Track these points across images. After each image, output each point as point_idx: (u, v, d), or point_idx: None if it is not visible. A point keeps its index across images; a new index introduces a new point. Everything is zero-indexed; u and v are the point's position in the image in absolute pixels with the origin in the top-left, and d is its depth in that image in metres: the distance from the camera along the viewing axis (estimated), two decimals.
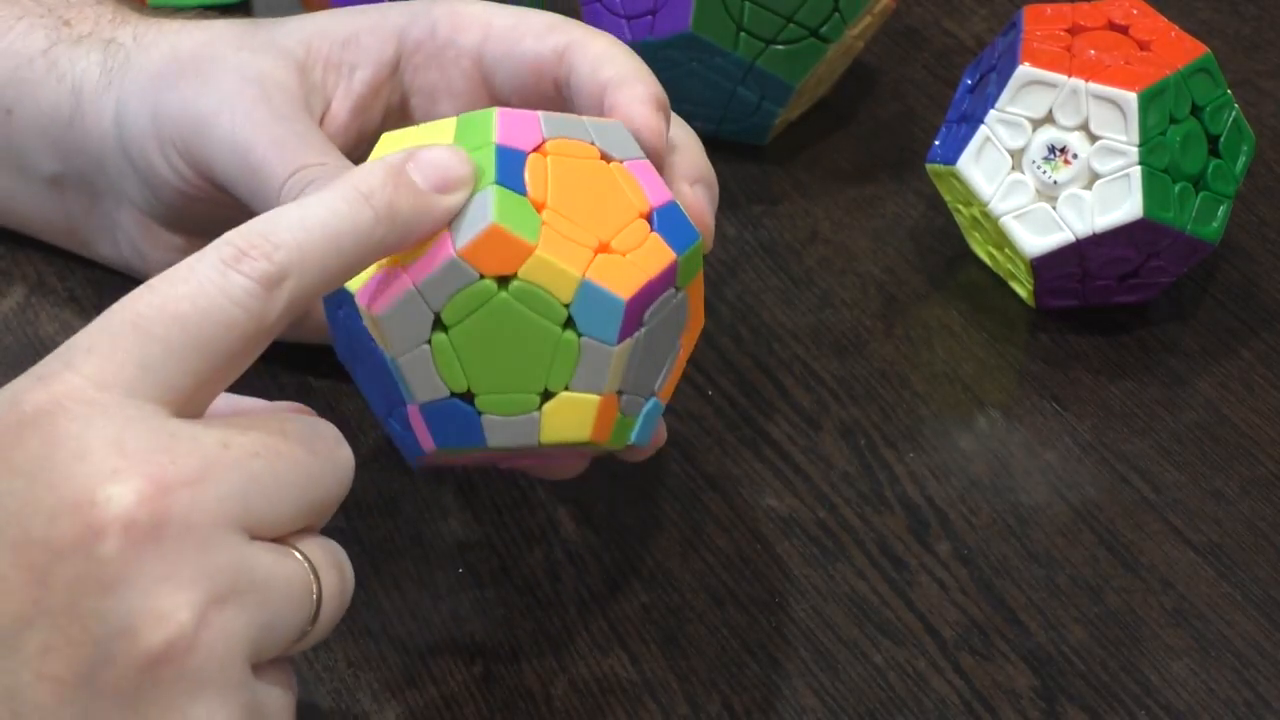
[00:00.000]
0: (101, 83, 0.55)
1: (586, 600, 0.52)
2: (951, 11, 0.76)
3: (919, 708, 0.50)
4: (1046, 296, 0.61)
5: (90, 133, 0.55)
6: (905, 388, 0.59)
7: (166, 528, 0.38)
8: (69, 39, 0.56)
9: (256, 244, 0.41)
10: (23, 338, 0.59)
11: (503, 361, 0.45)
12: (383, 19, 0.54)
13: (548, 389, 0.45)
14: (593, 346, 0.45)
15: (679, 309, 0.48)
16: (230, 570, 0.39)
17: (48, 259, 0.61)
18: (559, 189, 0.45)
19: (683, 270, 0.47)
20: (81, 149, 0.56)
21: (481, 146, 0.46)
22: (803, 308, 0.62)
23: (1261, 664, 0.51)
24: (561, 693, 0.50)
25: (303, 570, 0.41)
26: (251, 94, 0.51)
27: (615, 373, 0.46)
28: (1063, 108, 0.58)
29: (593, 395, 0.45)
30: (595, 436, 0.46)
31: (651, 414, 0.48)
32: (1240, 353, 0.61)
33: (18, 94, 0.57)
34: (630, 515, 0.55)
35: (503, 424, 0.45)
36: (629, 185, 0.47)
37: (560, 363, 0.45)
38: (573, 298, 0.45)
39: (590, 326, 0.45)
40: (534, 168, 0.46)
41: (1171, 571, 0.54)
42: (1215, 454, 0.58)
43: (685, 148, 0.51)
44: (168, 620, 0.38)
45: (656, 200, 0.47)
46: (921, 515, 0.55)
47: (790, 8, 0.63)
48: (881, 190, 0.67)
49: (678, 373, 0.49)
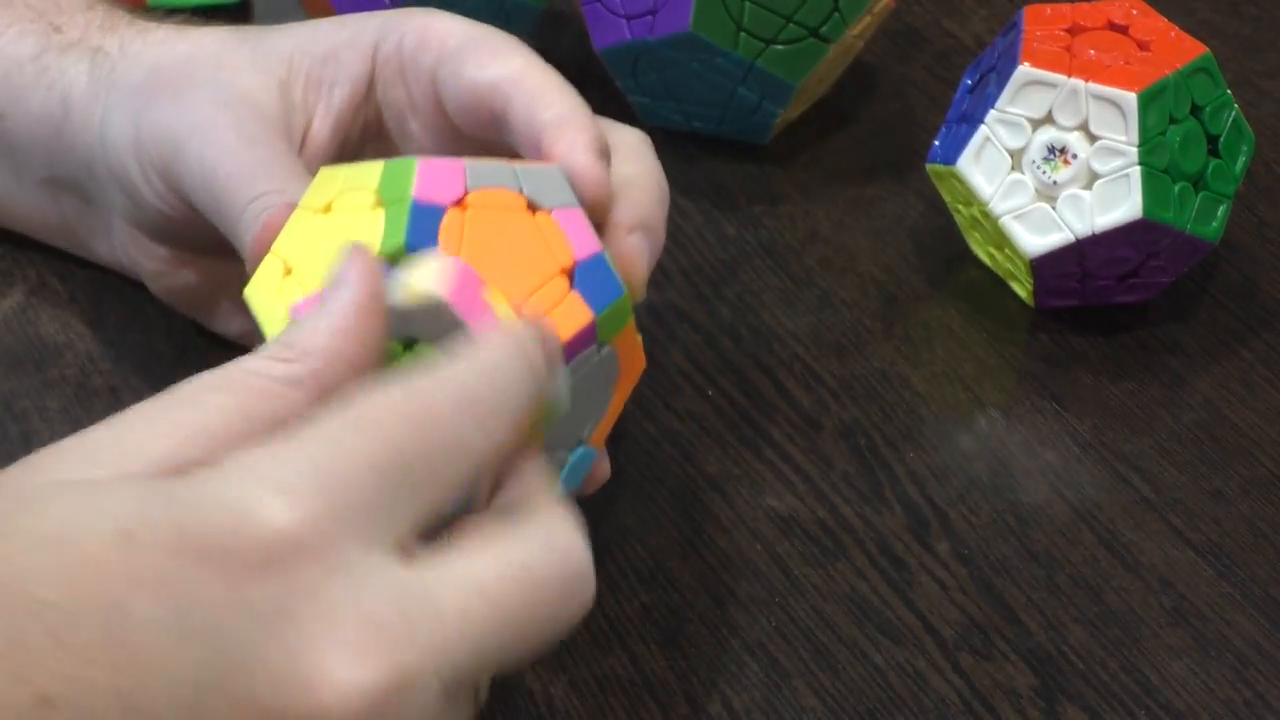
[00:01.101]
0: (89, 93, 0.55)
1: None
2: (951, 11, 0.76)
3: (919, 708, 0.50)
4: (1046, 296, 0.61)
5: (79, 141, 0.55)
6: (905, 388, 0.59)
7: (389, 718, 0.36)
8: (58, 46, 0.56)
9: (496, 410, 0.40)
10: (23, 338, 0.59)
11: None
12: (360, 33, 0.53)
13: None
14: None
15: (605, 364, 0.47)
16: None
17: (48, 260, 0.61)
18: (474, 247, 0.44)
19: (604, 327, 0.46)
20: (71, 156, 0.56)
21: (399, 201, 0.44)
22: (803, 308, 0.62)
23: (1261, 664, 0.51)
24: (561, 693, 0.50)
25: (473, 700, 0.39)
26: (224, 119, 0.51)
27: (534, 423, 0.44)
28: (1062, 108, 0.58)
29: None
30: None
31: (580, 462, 0.47)
32: (1240, 353, 0.61)
33: (11, 99, 0.57)
34: (630, 515, 0.55)
35: None
36: (553, 238, 0.45)
37: None
38: None
39: None
40: (450, 225, 0.44)
41: (1171, 571, 0.54)
42: (1215, 454, 0.58)
43: (633, 188, 0.49)
44: None
45: (581, 253, 0.45)
46: (921, 515, 0.55)
47: (790, 8, 0.63)
48: (881, 190, 0.67)
49: (612, 417, 0.48)
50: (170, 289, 0.57)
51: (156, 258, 0.56)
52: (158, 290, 0.57)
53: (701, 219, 0.65)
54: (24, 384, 0.57)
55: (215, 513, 0.36)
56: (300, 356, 0.40)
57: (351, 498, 0.37)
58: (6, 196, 0.60)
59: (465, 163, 0.46)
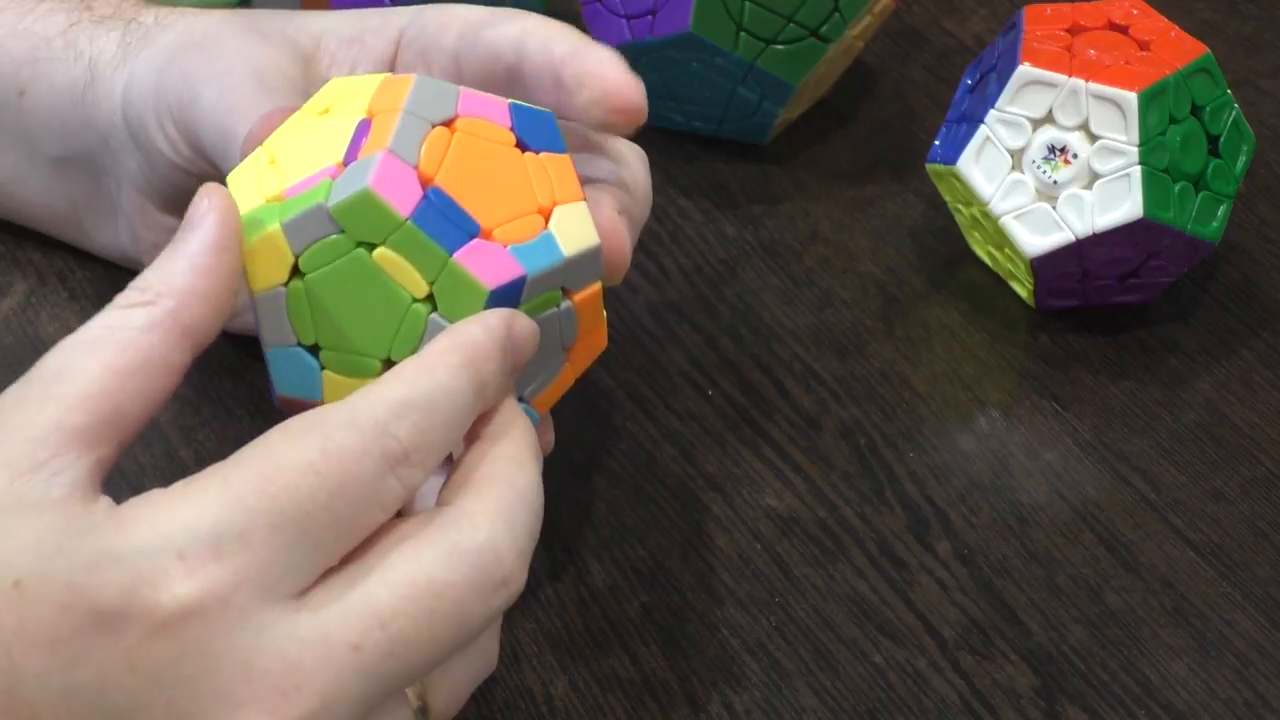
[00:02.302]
0: (117, 57, 0.56)
1: (586, 600, 0.52)
2: (951, 11, 0.76)
3: (919, 708, 0.50)
4: (1046, 296, 0.61)
5: (100, 106, 0.56)
6: (905, 388, 0.59)
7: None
8: (91, 20, 0.57)
9: (419, 446, 0.39)
10: (23, 338, 0.59)
11: (353, 318, 0.44)
12: (387, 22, 0.54)
13: (391, 358, 0.44)
14: (442, 326, 0.43)
15: (564, 321, 0.46)
16: None
17: (49, 259, 0.61)
18: (454, 167, 0.44)
19: (571, 273, 0.45)
20: (89, 125, 0.57)
21: (390, 110, 0.44)
22: (803, 308, 0.62)
23: (1261, 664, 0.51)
24: (561, 693, 0.50)
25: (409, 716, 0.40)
26: (245, 70, 0.51)
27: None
28: (1063, 108, 0.58)
29: None
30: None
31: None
32: (1240, 353, 0.61)
33: (33, 74, 0.57)
34: (630, 515, 0.55)
35: (341, 384, 0.44)
36: (537, 177, 0.45)
37: (407, 333, 0.43)
38: (436, 276, 0.43)
39: (448, 308, 0.43)
40: (435, 141, 0.44)
41: (1171, 571, 0.54)
42: (1215, 454, 0.58)
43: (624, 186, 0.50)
44: None
45: (562, 198, 0.45)
46: (921, 515, 0.55)
47: (790, 8, 0.63)
48: (881, 190, 0.67)
49: (560, 387, 0.47)
50: None
51: (161, 229, 0.56)
52: None
53: (701, 219, 0.65)
54: None
55: (110, 573, 0.37)
56: (156, 298, 0.41)
57: (251, 558, 0.37)
58: (16, 180, 0.60)
59: (461, 89, 0.46)
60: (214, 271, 0.41)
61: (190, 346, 0.41)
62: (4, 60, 0.58)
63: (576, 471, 0.56)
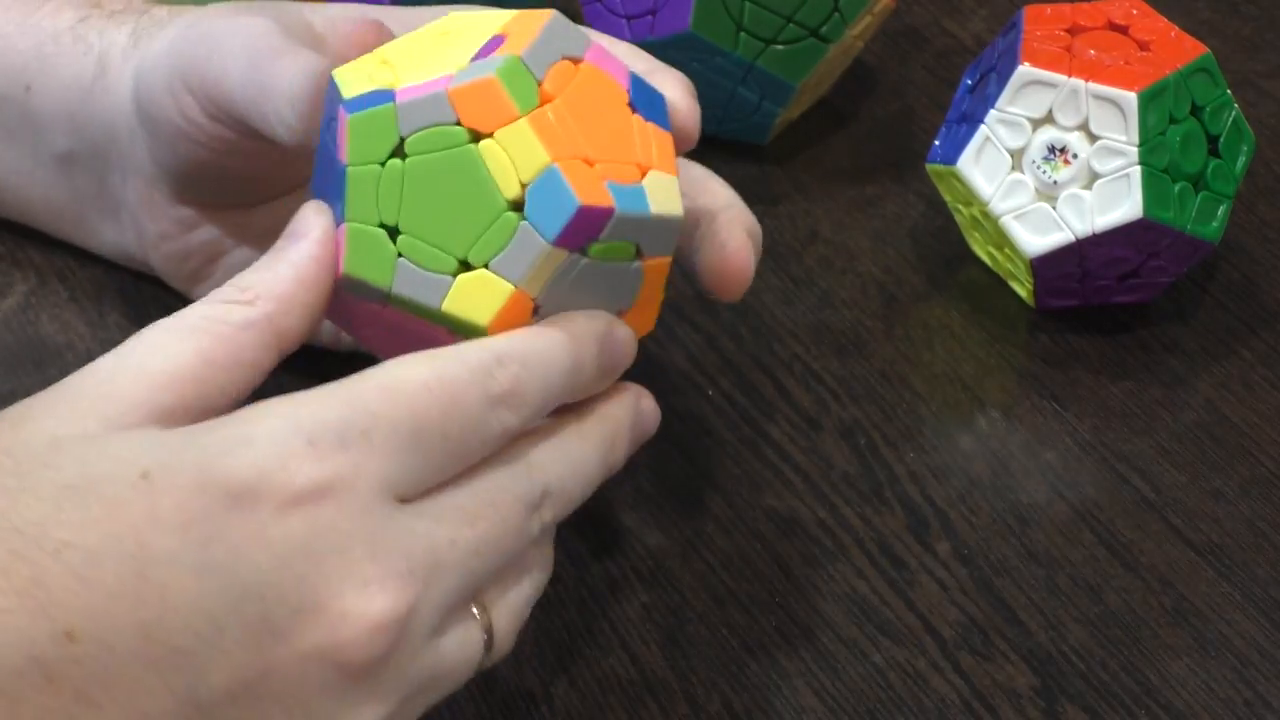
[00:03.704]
0: (128, 46, 0.56)
1: (586, 600, 0.52)
2: (951, 11, 0.76)
3: (919, 708, 0.50)
4: (1046, 296, 0.61)
5: (109, 95, 0.56)
6: (905, 388, 0.59)
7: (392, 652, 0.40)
8: (101, 15, 0.57)
9: (516, 392, 0.42)
10: (23, 338, 0.59)
11: (441, 212, 0.44)
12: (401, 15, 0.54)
13: (469, 260, 0.44)
14: (529, 234, 0.43)
15: (631, 279, 0.46)
16: (426, 675, 0.42)
17: (49, 259, 0.61)
18: (573, 99, 0.45)
19: (652, 234, 0.46)
20: (97, 118, 0.56)
21: (524, 34, 0.45)
22: (803, 308, 0.62)
23: (1261, 664, 0.51)
24: (561, 693, 0.50)
25: (479, 639, 0.43)
26: (267, 25, 0.51)
27: (539, 273, 0.44)
28: (1063, 108, 0.58)
29: (508, 284, 0.44)
30: (494, 327, 0.44)
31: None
32: (1240, 353, 0.61)
33: (40, 69, 0.57)
34: (630, 515, 0.55)
35: (413, 273, 0.44)
36: (640, 137, 0.46)
37: (492, 237, 0.44)
38: (533, 178, 0.43)
39: (537, 214, 0.43)
40: (561, 71, 0.45)
41: (1171, 571, 0.54)
42: (1215, 454, 0.58)
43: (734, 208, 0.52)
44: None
45: (660, 165, 0.46)
46: (921, 515, 0.55)
47: (790, 8, 0.63)
48: (881, 190, 0.67)
49: None
50: (173, 254, 0.57)
51: (168, 219, 0.56)
52: (160, 258, 0.57)
53: None
54: (24, 384, 0.57)
55: (242, 455, 0.39)
56: (255, 300, 0.43)
57: (373, 454, 0.40)
58: (20, 175, 0.60)
59: (591, 34, 0.47)
60: (314, 285, 0.44)
61: (279, 352, 0.43)
62: (11, 55, 0.58)
63: None
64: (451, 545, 0.41)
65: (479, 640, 0.43)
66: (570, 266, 0.44)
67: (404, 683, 0.41)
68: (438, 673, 0.42)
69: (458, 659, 0.42)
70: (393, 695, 0.41)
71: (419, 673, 0.41)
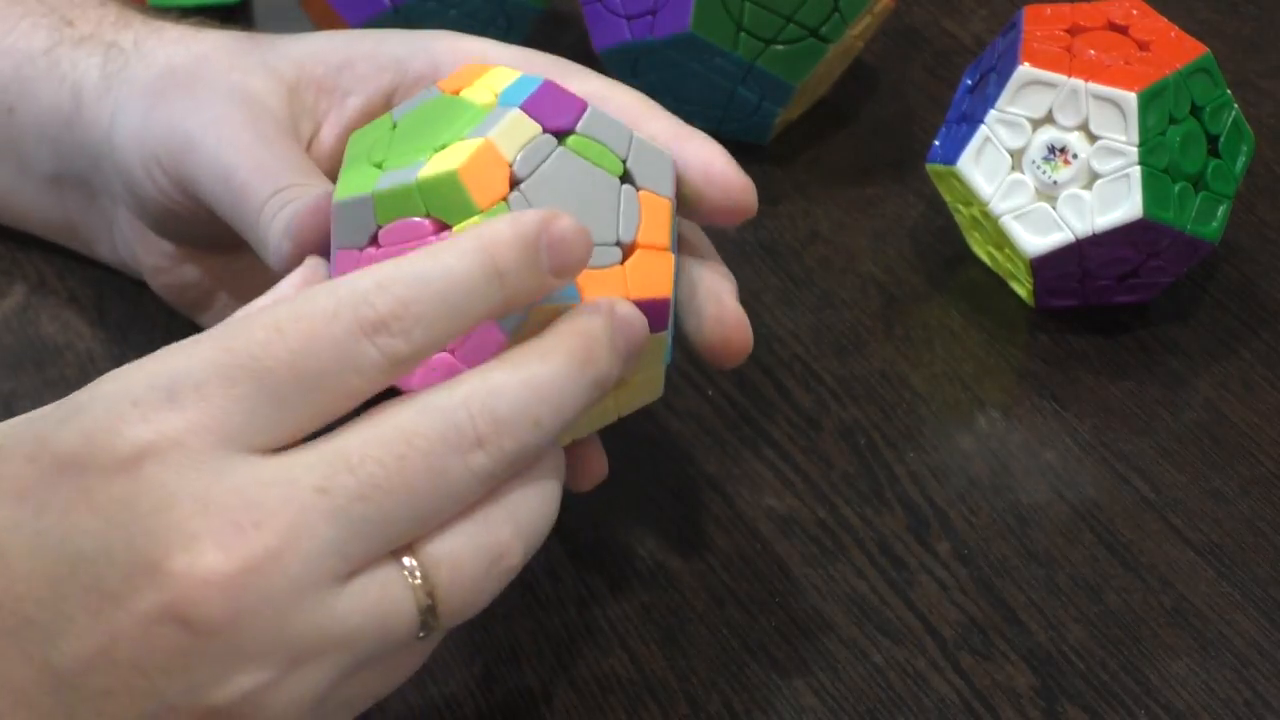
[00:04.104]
0: (100, 87, 0.55)
1: (586, 600, 0.52)
2: (951, 11, 0.76)
3: (919, 708, 0.50)
4: (1046, 296, 0.61)
5: (89, 133, 0.55)
6: (905, 388, 0.59)
7: (242, 606, 0.38)
8: (71, 39, 0.57)
9: (400, 315, 0.40)
10: (23, 337, 0.59)
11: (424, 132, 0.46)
12: (378, 47, 0.53)
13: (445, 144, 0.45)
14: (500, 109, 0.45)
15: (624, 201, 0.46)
16: (312, 634, 0.39)
17: (48, 259, 0.61)
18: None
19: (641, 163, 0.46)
20: (79, 149, 0.56)
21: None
22: (803, 308, 0.62)
23: (1261, 664, 0.51)
24: (561, 693, 0.50)
25: (406, 593, 0.40)
26: (238, 117, 0.51)
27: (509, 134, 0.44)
28: (1063, 108, 0.58)
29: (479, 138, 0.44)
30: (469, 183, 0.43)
31: None
32: (1240, 353, 0.61)
33: (19, 91, 0.57)
34: (630, 515, 0.55)
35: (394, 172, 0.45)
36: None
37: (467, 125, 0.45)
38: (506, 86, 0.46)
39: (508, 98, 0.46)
40: None
41: (1171, 571, 0.54)
42: (1215, 454, 0.58)
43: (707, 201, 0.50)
44: (235, 691, 0.38)
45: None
46: (921, 515, 0.55)
47: (790, 8, 0.63)
48: (881, 190, 0.67)
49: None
50: (170, 285, 0.57)
51: (158, 253, 0.56)
52: (158, 287, 0.57)
53: None
54: (24, 384, 0.57)
55: (72, 424, 0.39)
56: None
57: (207, 407, 0.38)
58: (10, 193, 0.60)
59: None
60: None
61: None
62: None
63: None
64: (321, 493, 0.38)
65: (405, 597, 0.40)
66: (545, 149, 0.44)
67: (282, 644, 0.38)
68: (341, 635, 0.39)
69: (370, 618, 0.39)
70: (271, 658, 0.38)
71: (307, 633, 0.39)
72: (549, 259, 0.41)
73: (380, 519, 0.39)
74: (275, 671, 0.39)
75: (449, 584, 0.40)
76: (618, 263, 0.45)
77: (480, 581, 0.41)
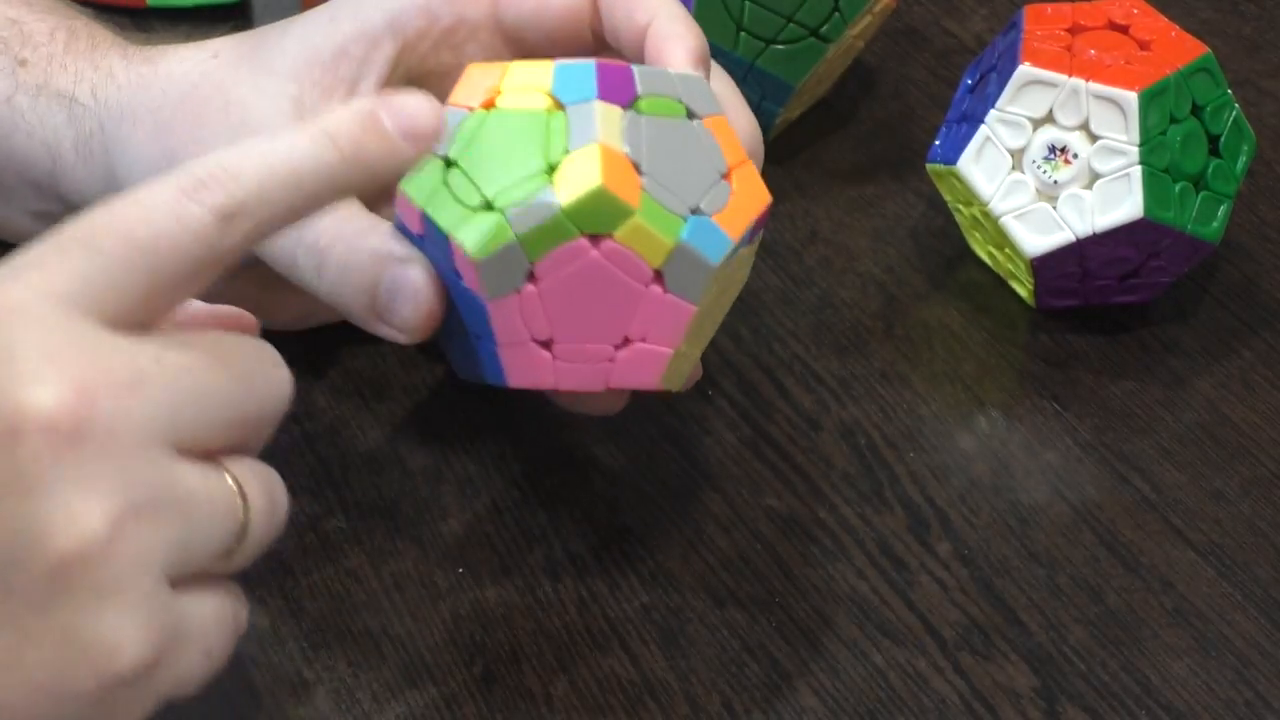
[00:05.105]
0: (83, 152, 0.54)
1: (586, 600, 0.52)
2: (951, 11, 0.76)
3: (919, 708, 0.50)
4: (1046, 296, 0.61)
5: (78, 193, 0.55)
6: (905, 388, 0.59)
7: (88, 435, 0.38)
8: (27, 89, 0.55)
9: (217, 176, 0.41)
10: None
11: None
12: (363, 22, 0.52)
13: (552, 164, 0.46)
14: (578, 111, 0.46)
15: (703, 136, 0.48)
16: (151, 484, 0.39)
17: None
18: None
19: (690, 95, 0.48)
20: (66, 198, 0.55)
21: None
22: (803, 308, 0.62)
23: (1261, 664, 0.51)
24: (561, 693, 0.50)
25: (228, 490, 0.41)
26: None
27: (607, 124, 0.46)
28: (1063, 107, 0.58)
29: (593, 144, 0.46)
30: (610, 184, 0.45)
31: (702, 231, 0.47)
32: (1240, 353, 0.61)
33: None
34: (630, 515, 0.55)
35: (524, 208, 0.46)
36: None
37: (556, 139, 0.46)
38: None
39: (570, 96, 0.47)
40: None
41: (1171, 571, 0.54)
42: (1215, 454, 0.58)
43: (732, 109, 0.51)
44: (81, 526, 0.38)
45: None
46: (921, 515, 0.55)
47: (790, 8, 0.63)
48: (881, 190, 0.67)
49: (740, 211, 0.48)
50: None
51: None
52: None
53: None
54: None
55: None
56: None
57: (43, 272, 0.39)
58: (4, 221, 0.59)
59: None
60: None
61: None
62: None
63: (577, 471, 0.56)
64: (156, 362, 0.40)
65: (229, 492, 0.41)
66: (635, 126, 0.46)
67: (122, 481, 0.39)
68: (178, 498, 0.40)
69: (202, 494, 0.40)
70: (112, 493, 0.38)
71: (148, 479, 0.39)
72: (394, 122, 0.43)
73: (204, 399, 0.41)
74: (115, 509, 0.38)
75: (257, 509, 0.42)
76: (732, 193, 0.47)
77: (268, 526, 0.43)
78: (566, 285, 0.46)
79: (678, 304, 0.47)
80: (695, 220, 0.46)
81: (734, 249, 0.47)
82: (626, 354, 0.47)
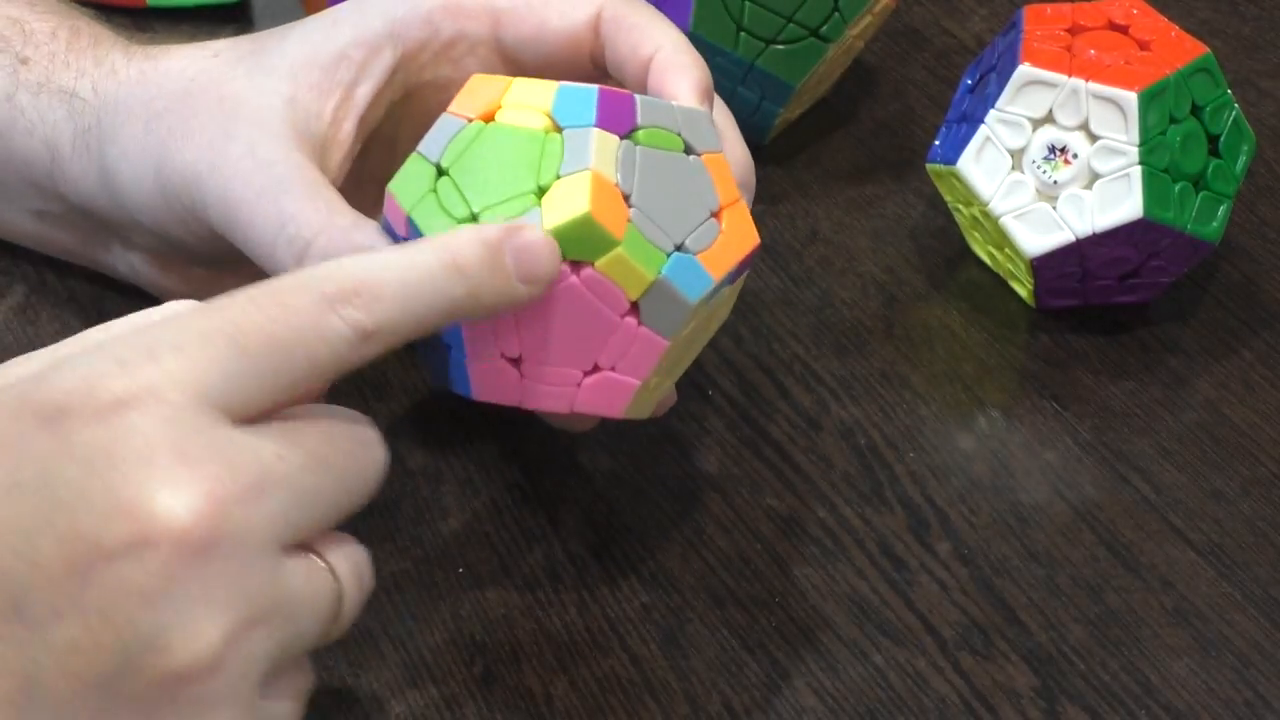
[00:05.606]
0: (79, 145, 0.54)
1: (586, 600, 0.52)
2: (951, 11, 0.76)
3: (919, 708, 0.50)
4: (1046, 296, 0.61)
5: (73, 189, 0.55)
6: (905, 388, 0.59)
7: (216, 547, 0.39)
8: (29, 86, 0.55)
9: (362, 293, 0.42)
10: (23, 337, 0.59)
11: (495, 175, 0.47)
12: (364, 28, 0.52)
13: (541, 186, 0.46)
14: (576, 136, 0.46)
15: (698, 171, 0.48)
16: (266, 592, 0.40)
17: (48, 259, 0.61)
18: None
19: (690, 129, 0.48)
20: (65, 196, 0.55)
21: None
22: (803, 308, 0.62)
23: (1261, 664, 0.51)
24: (561, 693, 0.50)
25: (329, 583, 0.42)
26: (236, 150, 0.51)
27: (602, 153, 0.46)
28: (1063, 107, 0.58)
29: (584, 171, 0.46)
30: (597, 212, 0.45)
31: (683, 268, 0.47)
32: (1240, 353, 0.61)
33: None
34: (630, 515, 0.55)
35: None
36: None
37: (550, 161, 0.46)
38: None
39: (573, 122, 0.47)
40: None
41: (1171, 571, 0.54)
42: (1215, 454, 0.58)
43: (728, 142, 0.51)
44: (199, 641, 0.39)
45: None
46: (921, 515, 0.55)
47: (790, 8, 0.63)
48: (881, 190, 0.67)
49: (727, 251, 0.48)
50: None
51: (183, 277, 0.56)
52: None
53: None
54: None
55: (56, 378, 0.40)
56: None
57: (184, 362, 0.40)
58: (6, 223, 0.59)
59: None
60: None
61: None
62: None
63: (577, 471, 0.56)
64: (279, 459, 0.40)
65: (326, 579, 0.42)
66: (630, 157, 0.46)
67: (242, 596, 0.39)
68: (286, 601, 0.40)
69: (304, 591, 0.41)
70: (231, 609, 0.39)
71: (263, 589, 0.40)
72: (515, 266, 0.44)
73: (317, 496, 0.41)
74: (233, 624, 0.39)
75: (350, 594, 0.43)
76: (720, 232, 0.47)
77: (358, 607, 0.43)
78: (542, 307, 0.46)
79: (651, 338, 0.47)
80: (678, 257, 0.46)
81: (715, 288, 0.47)
82: (593, 381, 0.47)
